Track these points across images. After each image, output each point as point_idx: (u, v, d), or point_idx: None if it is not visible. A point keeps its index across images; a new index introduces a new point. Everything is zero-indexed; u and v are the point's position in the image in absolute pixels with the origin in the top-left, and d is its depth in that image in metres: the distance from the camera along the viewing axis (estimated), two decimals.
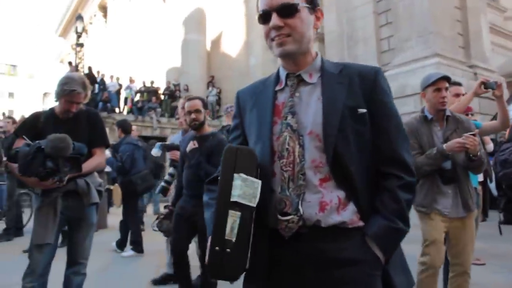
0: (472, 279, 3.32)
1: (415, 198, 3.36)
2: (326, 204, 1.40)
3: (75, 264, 3.34)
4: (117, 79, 21.42)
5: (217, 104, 23.15)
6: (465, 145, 3.07)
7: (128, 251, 6.79)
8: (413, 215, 3.32)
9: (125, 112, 21.09)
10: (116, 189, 7.96)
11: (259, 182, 1.39)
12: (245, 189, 1.36)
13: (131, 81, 21.84)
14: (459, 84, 4.29)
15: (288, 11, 1.45)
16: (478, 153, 3.14)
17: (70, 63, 21.21)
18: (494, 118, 11.27)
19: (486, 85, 3.73)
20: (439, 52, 12.47)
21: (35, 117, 3.40)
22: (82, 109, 3.42)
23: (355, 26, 15.33)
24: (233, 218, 1.35)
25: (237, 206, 1.35)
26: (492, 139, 9.25)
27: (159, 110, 21.04)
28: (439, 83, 3.33)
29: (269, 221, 1.44)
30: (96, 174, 3.51)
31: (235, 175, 1.37)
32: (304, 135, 1.45)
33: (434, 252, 3.25)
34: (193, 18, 24.28)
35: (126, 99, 21.50)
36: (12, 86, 60.46)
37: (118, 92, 21.11)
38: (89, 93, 3.39)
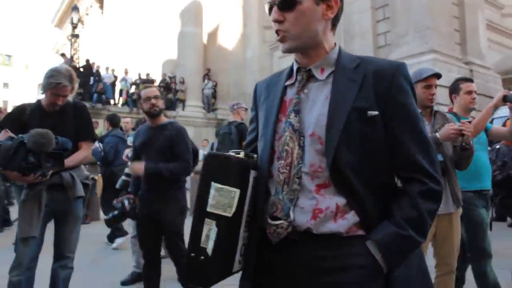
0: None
1: None
2: (320, 211, 1.30)
3: (62, 258, 3.32)
4: (113, 70, 21.32)
5: (212, 97, 23.11)
6: (462, 131, 3.03)
7: (116, 241, 6.77)
8: None
9: (120, 104, 21.02)
10: (99, 180, 7.99)
11: (237, 191, 1.32)
12: (219, 198, 1.31)
13: (126, 73, 21.74)
14: (471, 80, 4.12)
15: (287, 4, 1.36)
16: (471, 142, 3.12)
17: (63, 55, 21.08)
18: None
19: (507, 98, 3.61)
20: (436, 48, 12.47)
21: (21, 109, 3.35)
22: (69, 102, 3.38)
23: (352, 21, 15.27)
24: (209, 227, 1.31)
25: (212, 215, 1.31)
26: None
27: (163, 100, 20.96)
28: (430, 80, 3.31)
29: (261, 224, 1.39)
30: (82, 167, 3.47)
31: (212, 183, 1.32)
32: (305, 136, 1.35)
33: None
34: (190, 10, 24.14)
35: (121, 91, 21.40)
36: (7, 77, 60.10)
37: (113, 84, 21.02)
38: (76, 86, 3.35)
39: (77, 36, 21.34)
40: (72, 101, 3.47)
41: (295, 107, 1.39)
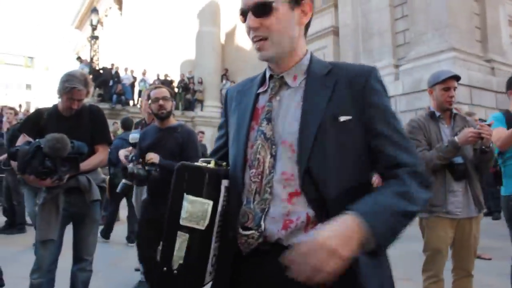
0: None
1: None
2: (291, 222, 1.26)
3: (81, 260, 3.38)
4: (132, 71, 21.53)
5: None
6: (481, 134, 3.01)
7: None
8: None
9: (139, 105, 21.22)
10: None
11: (210, 203, 1.27)
12: (192, 211, 1.26)
13: (145, 73, 21.93)
14: None
15: (262, 10, 1.31)
16: (490, 145, 3.10)
17: (79, 58, 21.35)
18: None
19: None
20: (456, 46, 12.29)
21: (38, 114, 3.43)
22: (84, 106, 3.43)
23: (370, 19, 15.16)
24: (181, 239, 1.27)
25: (185, 228, 1.27)
26: None
27: (173, 102, 21.10)
28: (448, 82, 3.27)
29: (233, 234, 1.34)
30: (99, 170, 3.53)
31: (185, 195, 1.28)
32: (278, 145, 1.32)
33: (438, 262, 3.22)
34: (208, 10, 24.25)
35: (140, 91, 21.61)
36: (29, 78, 61.14)
37: (132, 85, 21.22)
38: (91, 89, 3.42)
39: (96, 37, 21.62)
40: (87, 104, 3.52)
41: (267, 115, 1.36)
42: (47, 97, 49.51)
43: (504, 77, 13.24)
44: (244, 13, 1.37)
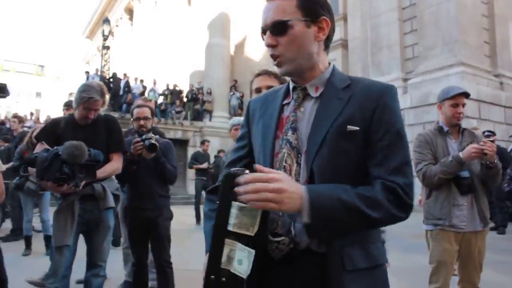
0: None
1: (430, 213, 3.28)
2: None
3: (94, 266, 3.43)
4: (141, 81, 21.71)
5: (239, 108, 23.26)
6: (484, 150, 3.04)
7: None
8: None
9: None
10: None
11: (259, 210, 1.25)
12: (241, 218, 1.25)
13: (155, 83, 22.10)
14: None
15: (279, 29, 1.38)
16: (495, 161, 3.13)
17: (87, 72, 21.66)
18: None
19: None
20: (465, 61, 12.32)
21: (55, 123, 3.52)
22: (100, 116, 3.52)
23: (380, 33, 15.23)
24: (230, 247, 1.26)
25: (233, 235, 1.25)
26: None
27: (183, 113, 21.24)
28: (457, 99, 3.30)
29: (261, 241, 1.32)
30: (113, 178, 3.60)
31: (233, 202, 1.26)
32: (302, 153, 1.37)
33: (444, 275, 3.23)
34: (218, 22, 24.44)
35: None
36: (40, 86, 61.81)
37: (142, 94, 21.38)
38: (107, 99, 3.49)
39: (107, 47, 21.83)
40: (103, 114, 3.61)
41: (292, 124, 1.41)
42: (57, 105, 50.00)
43: None
44: (264, 32, 1.44)
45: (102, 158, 3.26)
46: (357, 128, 1.32)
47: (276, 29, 1.38)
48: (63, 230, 3.23)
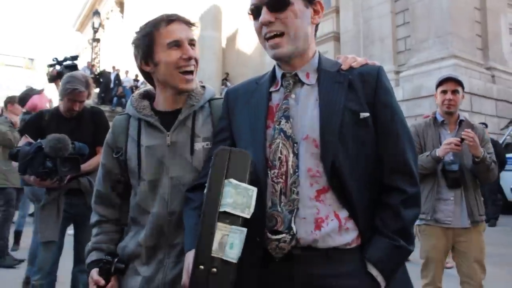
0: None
1: None
2: (322, 220, 1.25)
3: (82, 262, 3.33)
4: (136, 76, 21.55)
5: None
6: (464, 141, 2.96)
7: None
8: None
9: None
10: None
11: (254, 189, 1.18)
12: (236, 197, 1.15)
13: None
14: None
15: (279, 4, 1.30)
16: (482, 155, 3.00)
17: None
18: (511, 122, 11.14)
19: None
20: (457, 53, 12.32)
21: (39, 116, 3.43)
22: (86, 108, 3.43)
23: (372, 26, 15.19)
24: (222, 232, 1.13)
25: (227, 217, 1.14)
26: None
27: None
28: (446, 85, 3.22)
29: (258, 240, 1.26)
30: None
31: (226, 181, 1.16)
32: (299, 142, 1.29)
33: (434, 272, 3.17)
34: (209, 14, 24.29)
35: None
36: (30, 80, 61.17)
37: (132, 88, 21.24)
38: (92, 91, 3.42)
39: (98, 40, 21.64)
40: (89, 106, 3.52)
41: (285, 112, 1.33)
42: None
43: (504, 85, 13.29)
44: (255, 10, 1.36)
45: (88, 152, 3.17)
46: (368, 114, 1.30)
47: (275, 4, 1.30)
48: (49, 226, 3.15)
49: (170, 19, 1.64)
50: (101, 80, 19.25)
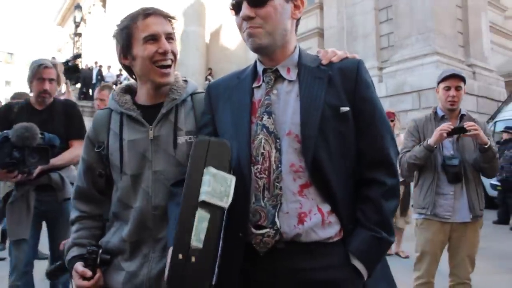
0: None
1: (416, 202, 3.24)
2: (305, 215, 1.27)
3: (59, 260, 3.23)
4: (120, 70, 21.32)
5: None
6: (465, 127, 2.93)
7: None
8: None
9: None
10: None
11: (233, 178, 1.20)
12: (215, 185, 1.15)
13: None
14: None
15: (258, 0, 1.31)
16: (489, 143, 2.97)
17: (53, 58, 21.01)
18: (491, 118, 11.30)
19: None
20: (439, 50, 12.44)
21: (7, 108, 3.31)
22: (59, 100, 3.34)
23: (355, 22, 15.25)
24: (200, 219, 1.13)
25: (206, 206, 1.14)
26: None
27: None
28: (450, 81, 3.19)
29: (242, 235, 1.28)
30: (73, 167, 3.34)
31: (205, 169, 1.17)
32: (282, 137, 1.31)
33: (427, 266, 3.16)
34: (193, 9, 24.12)
35: None
36: (9, 74, 60.11)
37: (117, 83, 21.04)
38: (62, 78, 3.32)
39: (79, 35, 21.35)
40: (62, 99, 3.43)
41: (267, 108, 1.35)
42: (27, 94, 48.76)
43: (484, 82, 13.47)
44: (236, 6, 1.36)
45: (58, 143, 3.03)
46: (348, 108, 1.32)
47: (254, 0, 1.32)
48: (18, 223, 3.01)
49: (147, 13, 1.62)
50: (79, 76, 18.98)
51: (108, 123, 1.66)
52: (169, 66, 1.61)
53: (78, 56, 5.90)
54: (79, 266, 1.54)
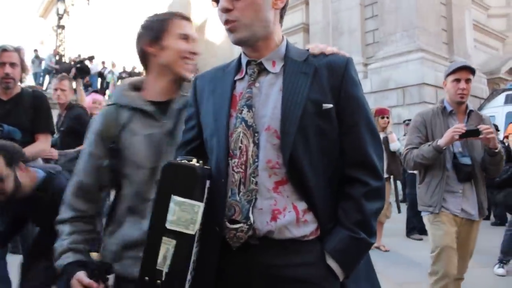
0: None
1: (422, 199, 3.13)
2: (279, 212, 1.25)
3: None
4: (106, 63, 21.09)
5: None
6: (480, 130, 2.82)
7: None
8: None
9: (107, 97, 20.78)
10: None
11: (200, 205, 1.20)
12: (180, 214, 1.17)
13: (114, 65, 21.53)
14: None
15: None
16: (499, 146, 2.93)
17: (36, 51, 20.55)
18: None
19: None
20: (423, 47, 12.53)
21: None
22: (27, 91, 3.21)
23: (341, 18, 15.27)
24: (167, 246, 1.17)
25: (172, 233, 1.17)
26: None
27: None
28: (459, 73, 3.08)
29: (218, 229, 1.28)
30: (40, 161, 3.24)
31: (172, 196, 1.19)
32: (260, 132, 1.28)
33: (447, 260, 2.98)
34: (178, 4, 23.93)
35: (107, 83, 21.16)
36: None
37: (100, 75, 20.80)
38: (26, 64, 3.20)
39: (62, 27, 21.04)
40: (31, 90, 3.30)
41: (248, 101, 1.32)
42: None
43: None
44: None
45: (19, 137, 2.90)
46: (331, 105, 1.29)
47: None
48: None
49: (184, 16, 1.80)
50: (86, 71, 18.70)
51: (117, 118, 1.68)
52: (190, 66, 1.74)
53: (92, 57, 5.98)
54: (82, 276, 1.51)
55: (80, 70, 5.13)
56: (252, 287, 1.26)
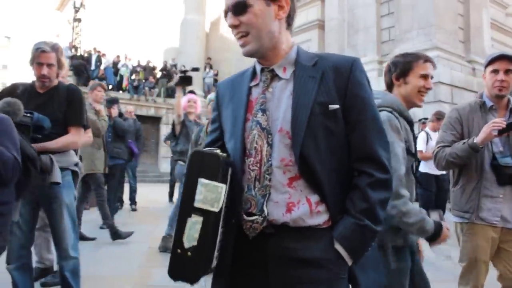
0: None
1: (456, 204, 2.90)
2: (293, 205, 1.39)
3: (61, 249, 3.20)
4: (117, 57, 21.21)
5: (213, 86, 23.08)
6: None
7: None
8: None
9: (121, 91, 20.93)
10: None
11: (223, 186, 1.37)
12: (206, 194, 1.35)
13: (127, 58, 21.65)
14: None
15: (239, 8, 1.43)
16: None
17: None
18: None
19: None
20: (439, 45, 12.40)
21: (12, 88, 3.31)
22: (62, 84, 3.32)
23: (356, 15, 15.17)
24: (195, 221, 1.35)
25: (199, 211, 1.35)
26: None
27: (156, 90, 20.89)
28: (498, 63, 2.83)
29: (236, 220, 1.44)
30: (72, 152, 3.35)
31: (199, 179, 1.37)
32: (274, 133, 1.43)
33: (477, 274, 2.81)
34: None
35: (122, 77, 21.31)
36: (6, 58, 59.74)
37: (114, 67, 20.95)
38: (63, 59, 3.30)
39: (79, 20, 21.21)
40: (67, 84, 3.41)
41: (262, 106, 1.47)
42: (24, 78, 48.44)
43: None
44: (226, 14, 1.49)
45: (48, 125, 3.00)
46: (338, 106, 1.40)
47: (236, 9, 1.44)
48: None
49: (427, 59, 2.36)
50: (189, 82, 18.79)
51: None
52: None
53: (196, 69, 6.47)
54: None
55: (184, 79, 5.49)
56: (268, 267, 1.41)
